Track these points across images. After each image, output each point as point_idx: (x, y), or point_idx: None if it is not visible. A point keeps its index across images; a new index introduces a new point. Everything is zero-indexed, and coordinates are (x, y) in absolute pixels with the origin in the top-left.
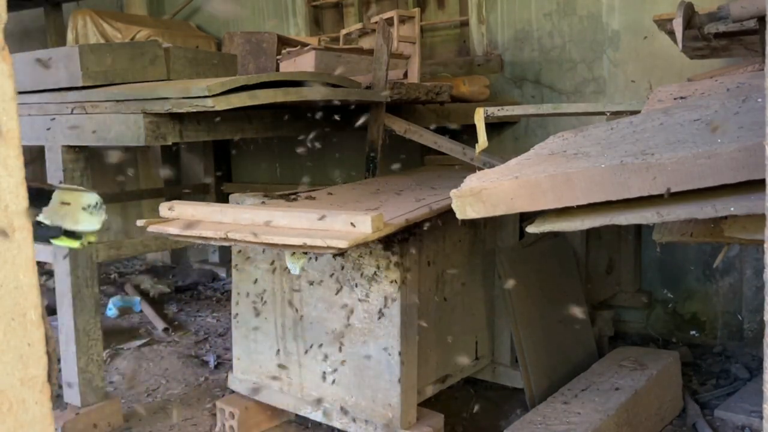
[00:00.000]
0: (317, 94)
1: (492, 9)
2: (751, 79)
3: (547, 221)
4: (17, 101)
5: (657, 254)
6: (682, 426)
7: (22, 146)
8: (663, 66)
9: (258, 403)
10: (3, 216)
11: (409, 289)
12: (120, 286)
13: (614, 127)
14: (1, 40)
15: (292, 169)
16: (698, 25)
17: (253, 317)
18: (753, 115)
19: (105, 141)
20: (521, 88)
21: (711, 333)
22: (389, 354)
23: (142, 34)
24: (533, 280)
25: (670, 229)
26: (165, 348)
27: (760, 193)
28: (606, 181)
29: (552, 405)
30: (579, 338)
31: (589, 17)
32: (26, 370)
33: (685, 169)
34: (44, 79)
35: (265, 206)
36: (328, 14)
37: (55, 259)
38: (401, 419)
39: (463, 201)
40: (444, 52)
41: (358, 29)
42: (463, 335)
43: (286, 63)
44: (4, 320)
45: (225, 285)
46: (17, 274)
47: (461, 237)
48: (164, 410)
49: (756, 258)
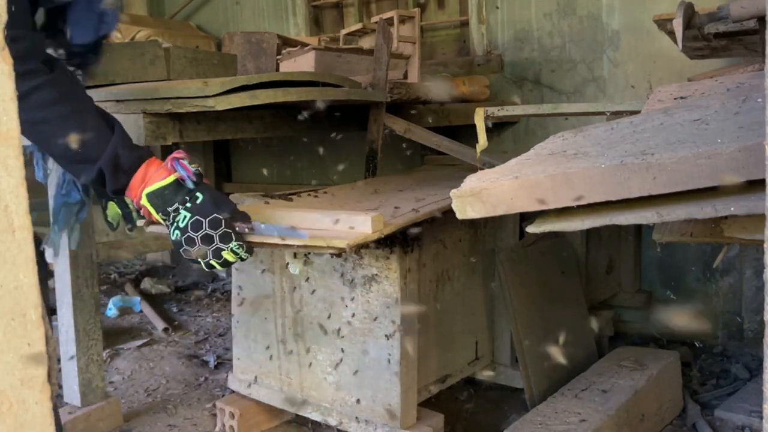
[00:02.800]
0: (317, 94)
1: (492, 9)
2: (751, 79)
3: (547, 221)
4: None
5: (657, 254)
6: (682, 426)
7: (22, 146)
8: (663, 66)
9: (258, 403)
10: (3, 216)
11: (409, 288)
12: (120, 286)
13: (614, 127)
14: (1, 40)
15: (292, 169)
16: (698, 25)
17: (253, 317)
18: (753, 115)
19: None
20: (521, 88)
21: (711, 333)
22: (389, 354)
23: (142, 34)
24: (533, 280)
25: (670, 229)
26: (165, 348)
27: (760, 193)
28: (606, 181)
29: (552, 405)
30: (579, 338)
31: (589, 17)
32: (26, 370)
33: (685, 169)
34: None
35: (268, 206)
36: (328, 14)
37: (55, 259)
38: (401, 419)
39: (463, 201)
40: (444, 52)
41: (358, 29)
42: (463, 335)
43: (286, 63)
44: (4, 320)
45: (225, 285)
46: (17, 274)
47: (461, 237)
48: (164, 410)
49: (756, 258)
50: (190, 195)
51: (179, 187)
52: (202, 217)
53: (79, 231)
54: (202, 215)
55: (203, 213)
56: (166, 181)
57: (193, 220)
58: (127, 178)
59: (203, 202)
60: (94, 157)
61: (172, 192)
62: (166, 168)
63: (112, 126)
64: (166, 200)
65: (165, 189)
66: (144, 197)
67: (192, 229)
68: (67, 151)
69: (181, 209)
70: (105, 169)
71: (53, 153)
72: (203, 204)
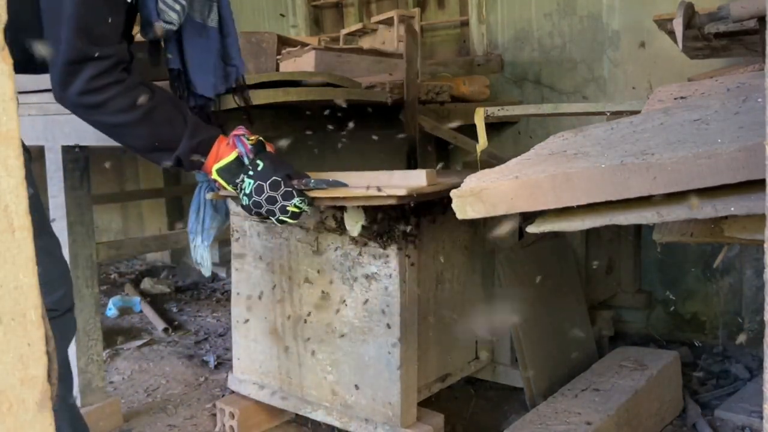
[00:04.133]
0: (317, 94)
1: (492, 9)
2: (751, 79)
3: (547, 221)
4: (17, 101)
5: (657, 254)
6: (682, 426)
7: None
8: (663, 66)
9: (258, 403)
10: (3, 216)
11: (409, 287)
12: (120, 286)
13: (614, 127)
14: (1, 40)
15: None
16: (698, 25)
17: (253, 317)
18: (753, 115)
19: (105, 141)
20: (521, 88)
21: (711, 333)
22: (389, 353)
23: None
24: (533, 280)
25: (670, 229)
26: (165, 348)
27: (760, 193)
28: (606, 181)
29: (552, 405)
30: (579, 338)
31: (589, 17)
32: (26, 370)
33: (685, 169)
34: (44, 79)
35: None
36: (328, 14)
37: None
38: (401, 418)
39: (463, 201)
40: (444, 52)
41: (359, 29)
42: (463, 334)
43: (286, 63)
44: (4, 320)
45: (225, 285)
46: (17, 274)
47: (461, 236)
48: (164, 410)
49: (756, 258)
50: (252, 164)
51: (241, 161)
52: (263, 182)
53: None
54: (263, 180)
55: (264, 178)
56: (231, 157)
57: (256, 185)
58: (201, 160)
59: (263, 168)
60: (172, 147)
61: (236, 166)
62: (230, 145)
63: (184, 115)
64: (233, 173)
65: (231, 164)
66: (215, 173)
67: (256, 193)
68: (146, 147)
69: (245, 178)
70: (182, 157)
71: (133, 148)
72: (263, 170)
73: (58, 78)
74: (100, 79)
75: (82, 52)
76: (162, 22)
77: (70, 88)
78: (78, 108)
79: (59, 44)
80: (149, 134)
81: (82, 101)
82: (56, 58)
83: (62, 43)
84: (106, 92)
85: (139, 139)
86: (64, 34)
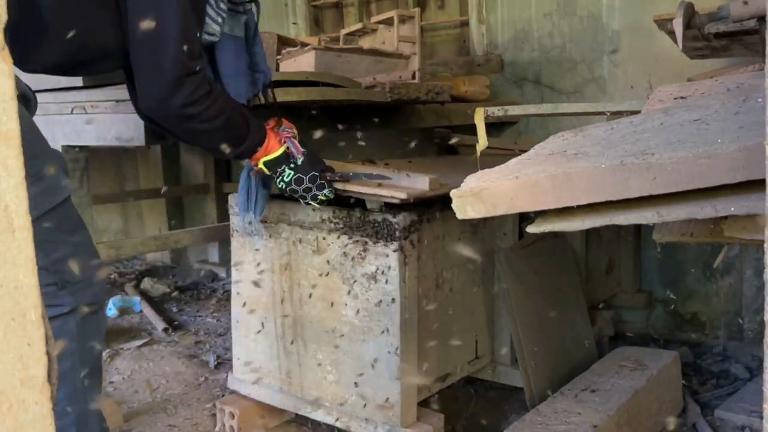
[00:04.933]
0: (317, 94)
1: (492, 9)
2: (751, 79)
3: (547, 221)
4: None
5: (657, 254)
6: (682, 426)
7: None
8: (663, 66)
9: (258, 403)
10: (3, 216)
11: (409, 287)
12: (120, 286)
13: (614, 127)
14: (1, 40)
15: None
16: (698, 25)
17: (253, 317)
18: (753, 115)
19: (105, 141)
20: (521, 88)
21: (711, 333)
22: (389, 352)
23: None
24: (533, 280)
25: (670, 229)
26: (165, 348)
27: (760, 193)
28: (606, 181)
29: (552, 405)
30: (579, 338)
31: (589, 17)
32: (26, 370)
33: (685, 169)
34: (44, 79)
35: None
36: (328, 14)
37: None
38: (401, 418)
39: (463, 201)
40: (444, 52)
41: (358, 29)
42: (463, 334)
43: (286, 63)
44: (4, 320)
45: (225, 285)
46: (17, 274)
47: (461, 236)
48: (164, 410)
49: (756, 258)
50: (294, 159)
51: (286, 155)
52: (303, 175)
53: None
54: (303, 173)
55: (304, 171)
56: (279, 152)
57: (296, 177)
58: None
59: (303, 163)
60: (237, 145)
61: (281, 159)
62: (279, 141)
63: (246, 116)
64: (277, 164)
65: (278, 158)
66: (261, 163)
67: (295, 183)
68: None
69: (286, 169)
70: (245, 152)
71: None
72: (303, 165)
73: (163, 93)
74: (198, 91)
75: (186, 68)
76: (206, 35)
77: (173, 100)
78: (179, 118)
79: (162, 62)
80: (224, 136)
81: (184, 112)
82: (158, 76)
83: (168, 62)
84: (203, 103)
85: (216, 140)
86: (171, 54)
